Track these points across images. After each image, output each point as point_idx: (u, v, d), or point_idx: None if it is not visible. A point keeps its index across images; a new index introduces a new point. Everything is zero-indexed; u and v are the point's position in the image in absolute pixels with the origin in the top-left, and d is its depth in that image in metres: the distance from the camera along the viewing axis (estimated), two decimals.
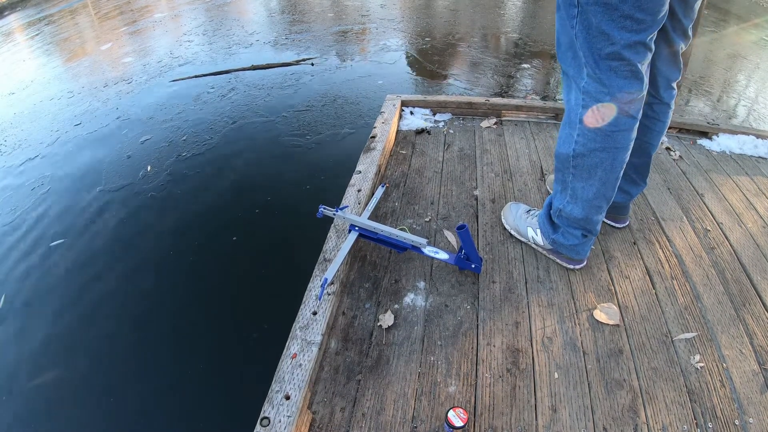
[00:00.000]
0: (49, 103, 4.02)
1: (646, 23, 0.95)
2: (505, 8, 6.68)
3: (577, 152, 1.13)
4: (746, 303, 1.24)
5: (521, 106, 2.14)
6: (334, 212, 1.37)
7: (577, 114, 1.10)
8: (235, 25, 5.96)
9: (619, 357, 1.10)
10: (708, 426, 0.97)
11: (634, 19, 0.94)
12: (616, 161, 1.12)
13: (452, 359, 1.09)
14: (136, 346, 1.82)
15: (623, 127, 1.07)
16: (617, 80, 1.01)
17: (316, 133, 3.18)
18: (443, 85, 4.01)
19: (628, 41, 0.96)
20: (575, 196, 1.19)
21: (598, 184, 1.15)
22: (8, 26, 7.36)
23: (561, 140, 1.18)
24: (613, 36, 0.96)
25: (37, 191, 2.77)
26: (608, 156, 1.10)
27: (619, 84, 1.02)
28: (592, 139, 1.10)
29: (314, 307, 1.14)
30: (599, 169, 1.13)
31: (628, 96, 1.03)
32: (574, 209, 1.20)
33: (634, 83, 1.02)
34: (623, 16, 0.94)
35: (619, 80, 1.01)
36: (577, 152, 1.13)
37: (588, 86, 1.05)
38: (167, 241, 2.31)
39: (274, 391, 0.95)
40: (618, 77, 1.01)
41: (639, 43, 0.97)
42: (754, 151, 1.96)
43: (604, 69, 1.01)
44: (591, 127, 1.08)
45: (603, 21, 0.96)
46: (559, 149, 1.19)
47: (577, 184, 1.18)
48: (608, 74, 1.01)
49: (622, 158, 1.12)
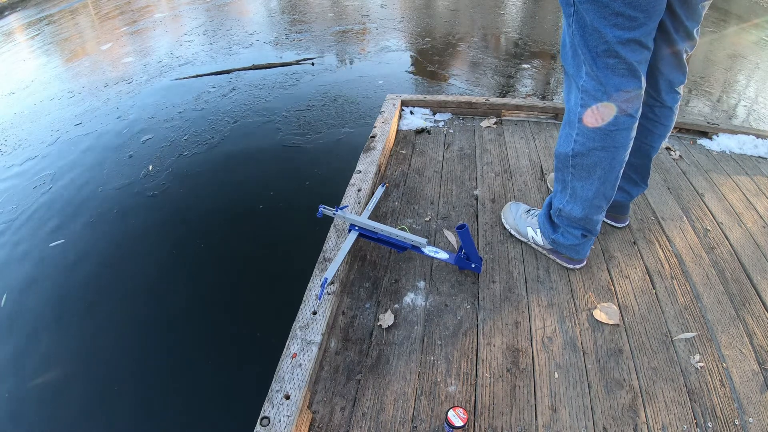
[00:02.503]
0: (49, 103, 4.02)
1: (638, 21, 0.95)
2: (505, 8, 6.68)
3: (576, 151, 1.13)
4: (746, 303, 1.25)
5: (521, 105, 2.14)
6: (334, 212, 1.37)
7: (576, 113, 1.10)
8: (235, 25, 5.96)
9: (619, 357, 1.10)
10: (708, 426, 0.97)
11: (625, 17, 0.94)
12: (615, 160, 1.11)
13: (452, 359, 1.09)
14: (136, 346, 1.82)
15: (622, 125, 1.07)
16: (614, 78, 1.02)
17: (316, 132, 3.18)
18: (443, 85, 4.01)
19: (621, 38, 0.97)
20: (575, 196, 1.19)
21: (597, 183, 1.15)
22: (8, 26, 7.36)
23: (561, 140, 1.18)
24: (605, 33, 0.97)
25: (39, 190, 2.77)
26: (607, 155, 1.10)
27: (616, 82, 1.02)
28: (591, 138, 1.10)
29: (314, 306, 1.14)
30: (598, 168, 1.13)
31: (625, 94, 1.03)
32: (573, 209, 1.20)
33: (631, 81, 1.02)
34: (614, 13, 0.94)
35: (616, 78, 1.02)
36: (576, 151, 1.13)
37: (586, 84, 1.06)
38: (168, 240, 2.31)
39: (274, 390, 0.95)
40: (615, 75, 1.01)
41: (632, 40, 0.97)
42: (754, 150, 1.96)
43: (601, 67, 1.01)
44: (590, 125, 1.09)
45: (595, 19, 0.97)
46: (558, 149, 1.19)
47: (577, 183, 1.17)
48: (605, 72, 1.02)
49: (622, 157, 1.12)
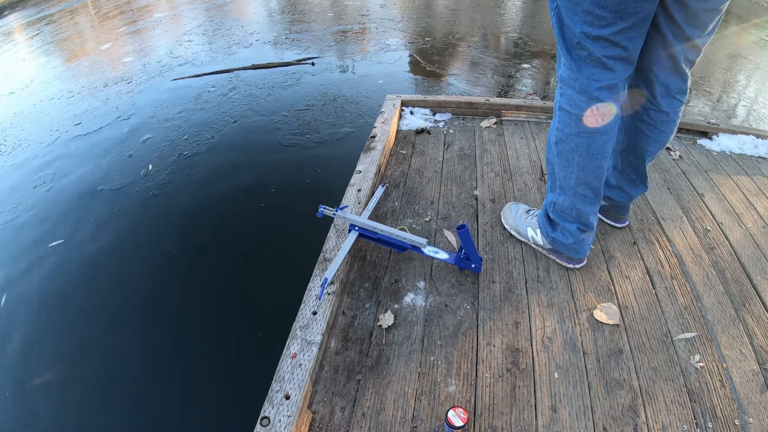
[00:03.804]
0: (49, 103, 4.02)
1: (607, 20, 0.98)
2: (505, 8, 6.68)
3: (558, 138, 1.18)
4: (746, 303, 1.25)
5: (521, 105, 2.14)
6: (334, 212, 1.37)
7: (557, 101, 1.16)
8: (235, 24, 5.96)
9: (619, 357, 1.10)
10: (708, 426, 0.97)
11: (594, 15, 0.99)
12: (592, 146, 1.13)
13: (452, 359, 1.09)
14: (135, 346, 1.82)
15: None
16: (586, 68, 1.07)
17: (316, 132, 3.18)
18: (443, 85, 4.01)
19: (589, 34, 1.01)
20: (562, 186, 1.23)
21: (577, 170, 1.17)
22: (8, 26, 7.36)
23: (549, 132, 1.23)
24: (574, 28, 1.03)
25: (38, 190, 2.77)
26: (583, 140, 1.13)
27: (588, 72, 1.07)
28: (567, 124, 1.14)
29: (314, 306, 1.14)
30: (576, 155, 1.15)
31: (596, 83, 1.07)
32: (563, 199, 1.23)
33: (603, 72, 1.06)
34: (584, 11, 0.99)
35: (588, 68, 1.07)
36: (558, 138, 1.18)
37: (563, 74, 1.12)
38: (168, 240, 2.31)
39: (274, 390, 0.95)
40: (586, 65, 1.07)
41: (600, 37, 1.01)
42: (754, 151, 1.96)
43: (575, 58, 1.07)
44: (565, 111, 1.14)
45: (568, 14, 1.03)
46: (547, 140, 1.25)
47: (560, 171, 1.21)
48: (578, 62, 1.07)
49: (600, 143, 1.13)
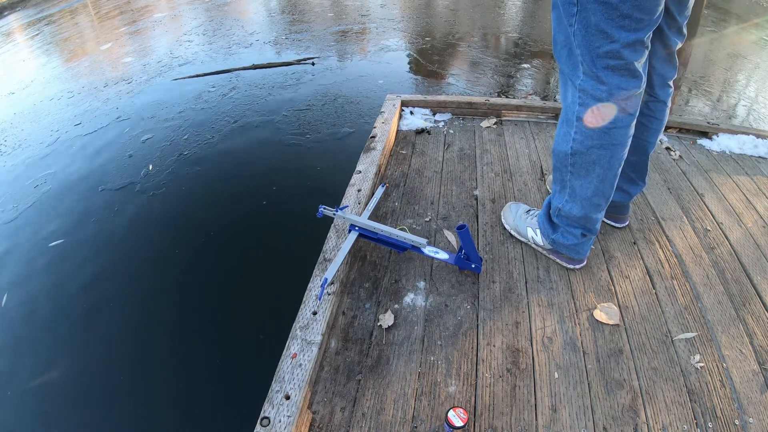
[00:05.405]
0: (49, 103, 4.02)
1: (644, 22, 0.96)
2: (505, 8, 6.68)
3: (575, 150, 1.13)
4: (746, 303, 1.24)
5: (521, 106, 2.13)
6: (334, 212, 1.37)
7: (573, 112, 1.11)
8: (235, 25, 5.96)
9: (619, 357, 1.10)
10: (708, 426, 0.97)
11: (633, 19, 0.95)
12: (614, 158, 1.12)
13: (452, 359, 1.09)
14: (136, 346, 1.82)
15: (621, 123, 1.08)
16: (614, 78, 1.02)
17: (316, 132, 3.18)
18: (443, 85, 4.01)
19: (627, 40, 0.97)
20: (574, 195, 1.19)
21: (596, 182, 1.15)
22: (8, 26, 7.36)
23: (558, 138, 1.18)
24: (612, 35, 0.97)
25: (39, 190, 2.77)
26: (606, 153, 1.11)
27: (617, 81, 1.02)
28: (590, 137, 1.10)
29: (314, 307, 1.14)
30: (597, 167, 1.13)
31: (626, 93, 1.03)
32: (573, 208, 1.20)
33: (631, 81, 1.03)
34: (622, 15, 0.95)
35: (617, 78, 1.02)
36: (575, 150, 1.13)
37: (584, 84, 1.06)
38: (168, 240, 2.31)
39: (274, 391, 0.95)
40: (615, 75, 1.02)
41: (637, 41, 0.99)
42: (754, 150, 1.96)
43: (601, 67, 1.02)
44: (589, 124, 1.09)
45: (602, 20, 0.97)
46: (556, 147, 1.19)
47: (576, 182, 1.18)
48: (605, 72, 1.02)
49: (620, 155, 1.13)
